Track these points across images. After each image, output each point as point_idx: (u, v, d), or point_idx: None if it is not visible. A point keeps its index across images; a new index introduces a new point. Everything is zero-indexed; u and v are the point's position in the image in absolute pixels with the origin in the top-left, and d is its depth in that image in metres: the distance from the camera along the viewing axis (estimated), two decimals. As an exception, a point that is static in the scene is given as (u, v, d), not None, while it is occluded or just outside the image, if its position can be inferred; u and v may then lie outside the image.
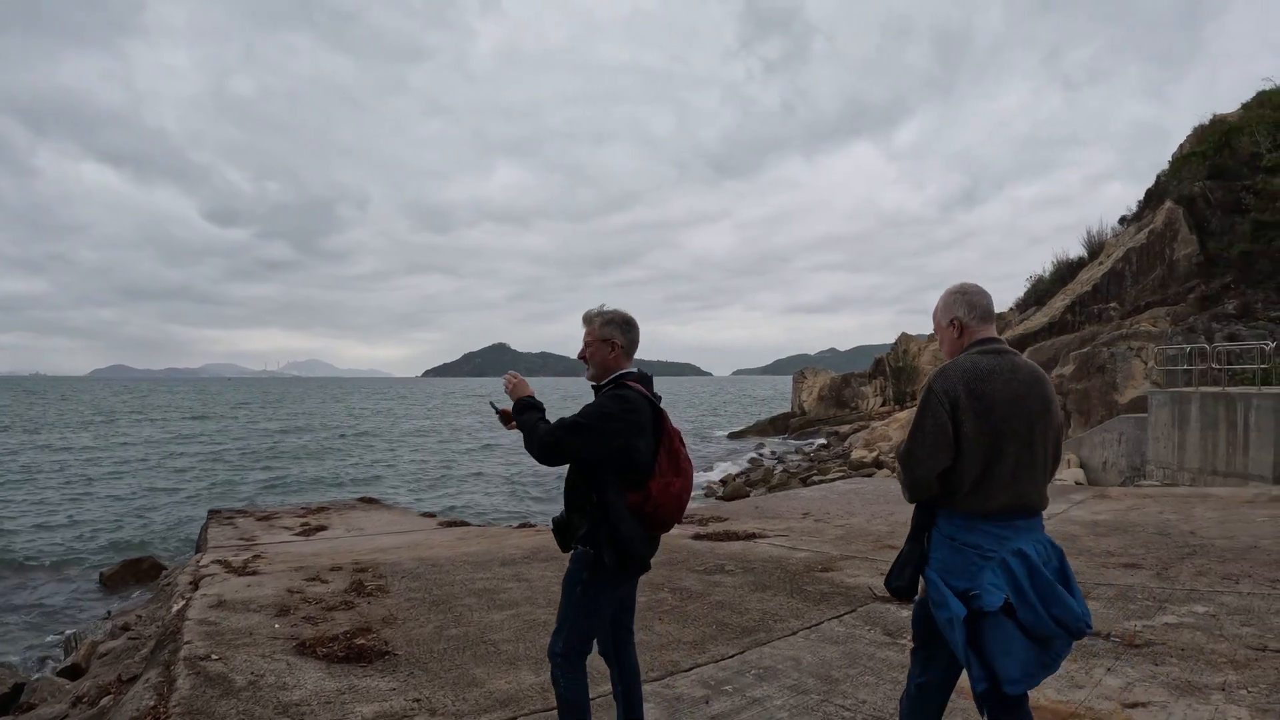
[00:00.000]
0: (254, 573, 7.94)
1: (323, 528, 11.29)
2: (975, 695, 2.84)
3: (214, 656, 5.33)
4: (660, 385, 3.74)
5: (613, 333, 3.54)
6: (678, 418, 77.35)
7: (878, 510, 10.74)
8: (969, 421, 2.80)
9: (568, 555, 3.53)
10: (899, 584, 3.01)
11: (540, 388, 3.82)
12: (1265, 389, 16.52)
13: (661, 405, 3.57)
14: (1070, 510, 10.28)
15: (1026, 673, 2.74)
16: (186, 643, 5.62)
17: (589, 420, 3.31)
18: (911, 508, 3.15)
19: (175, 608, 7.08)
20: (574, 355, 3.87)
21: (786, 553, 8.31)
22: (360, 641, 5.54)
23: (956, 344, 3.05)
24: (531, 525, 12.47)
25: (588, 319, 3.61)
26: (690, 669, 5.05)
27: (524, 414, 3.47)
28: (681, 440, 3.57)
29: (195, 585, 7.55)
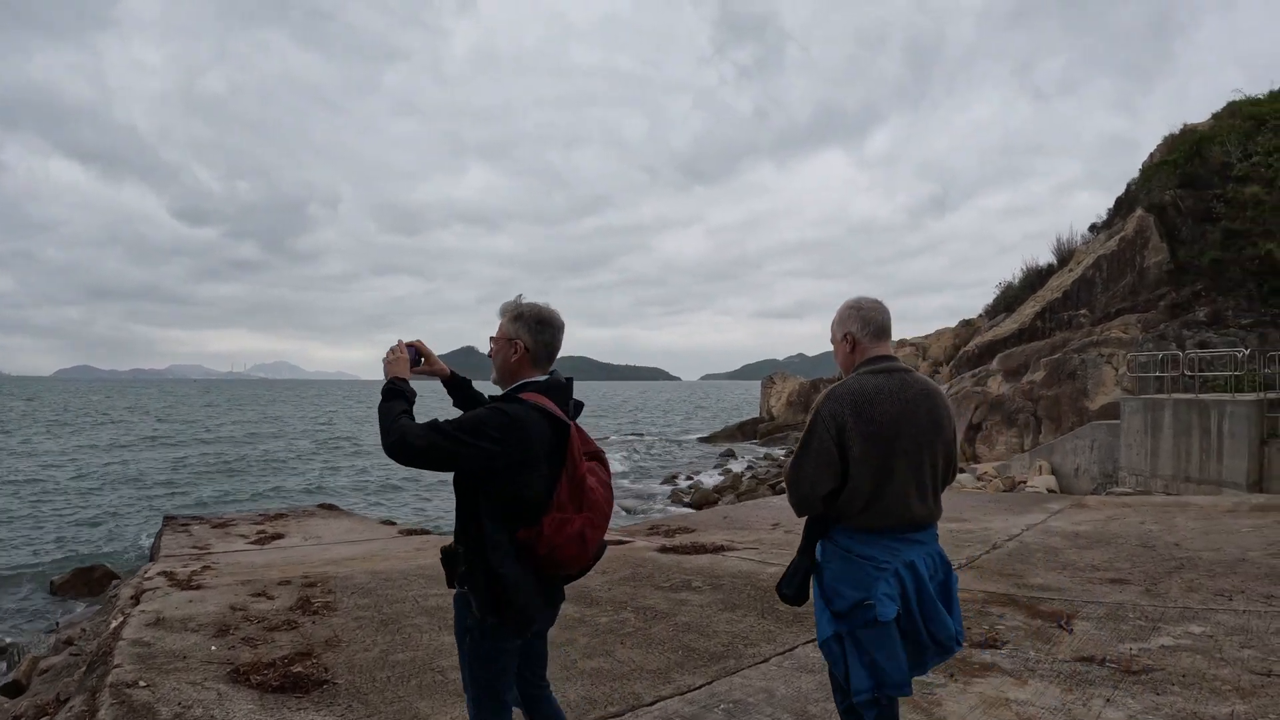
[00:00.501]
0: (198, 586, 7.50)
1: (279, 536, 10.88)
2: (854, 705, 2.91)
3: (142, 683, 4.89)
4: (629, 389, 3.20)
5: (518, 331, 2.96)
6: (647, 422, 77.43)
7: (851, 520, 10.38)
8: (856, 445, 2.85)
9: None
10: (788, 591, 3.05)
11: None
12: (1239, 396, 16.43)
13: (576, 420, 2.97)
14: (1049, 521, 9.97)
15: (905, 678, 2.84)
16: (116, 666, 5.20)
17: (453, 429, 2.71)
18: None
19: (113, 625, 6.67)
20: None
21: (757, 567, 7.87)
22: (298, 669, 5.09)
23: (849, 359, 3.09)
24: None
25: (500, 312, 3.06)
26: (653, 703, 4.59)
27: (388, 401, 2.85)
28: (603, 464, 3.00)
29: (136, 600, 7.12)
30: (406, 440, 2.69)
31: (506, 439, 2.69)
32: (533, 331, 2.95)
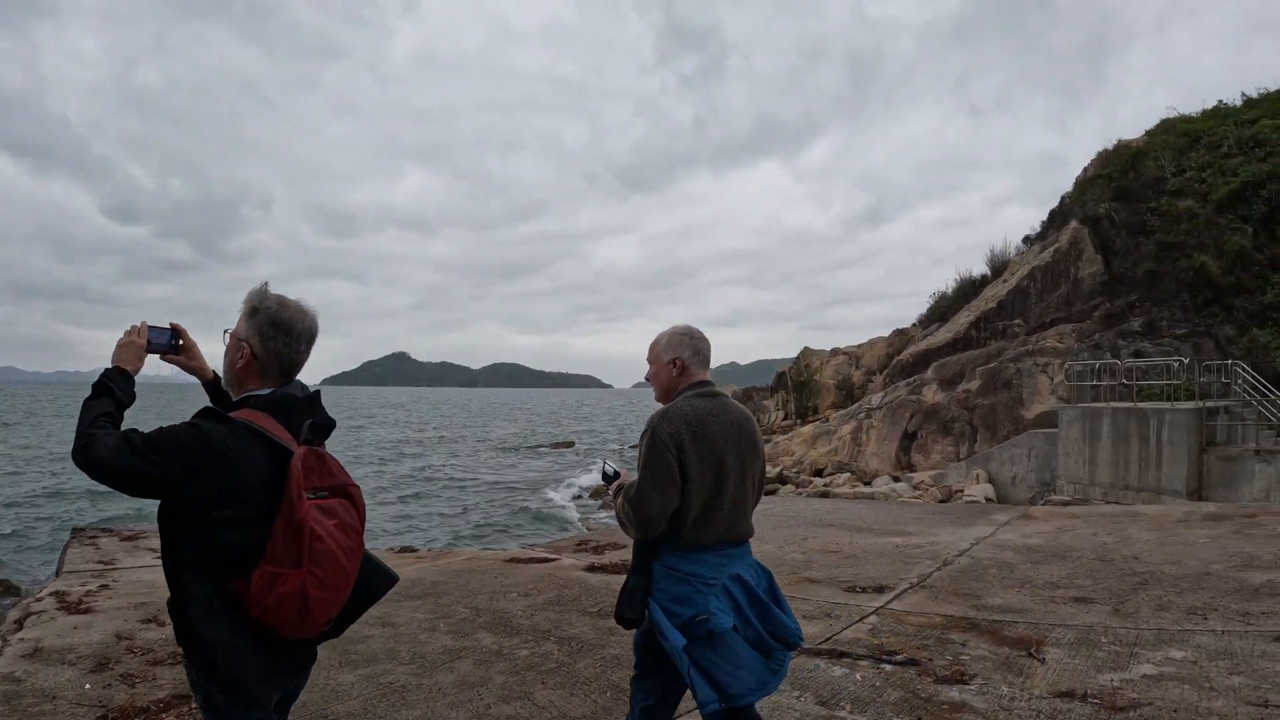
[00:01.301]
0: (88, 610, 6.69)
1: (190, 549, 9.96)
2: (705, 717, 2.96)
3: (1, 730, 4.24)
4: (562, 397, 2.45)
5: (248, 332, 2.29)
6: (580, 430, 76.05)
7: (788, 535, 9.69)
8: (693, 463, 2.94)
9: (435, 596, 2.30)
10: (630, 615, 3.04)
11: (440, 398, 2.52)
12: (1178, 405, 16.34)
13: (317, 448, 2.24)
14: (998, 533, 9.49)
15: (760, 681, 2.91)
16: (-22, 708, 4.51)
17: (142, 443, 2.05)
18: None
19: (-10, 654, 5.85)
20: (475, 366, 2.58)
21: None
22: (171, 717, 4.36)
23: (674, 382, 3.18)
24: (413, 550, 11.11)
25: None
26: (577, 761, 3.89)
27: (94, 398, 2.21)
28: (351, 503, 2.26)
29: (20, 625, 6.37)
30: (91, 451, 2.03)
31: (200, 465, 2.05)
32: (263, 336, 2.28)
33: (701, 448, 2.96)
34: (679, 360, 3.16)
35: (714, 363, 3.25)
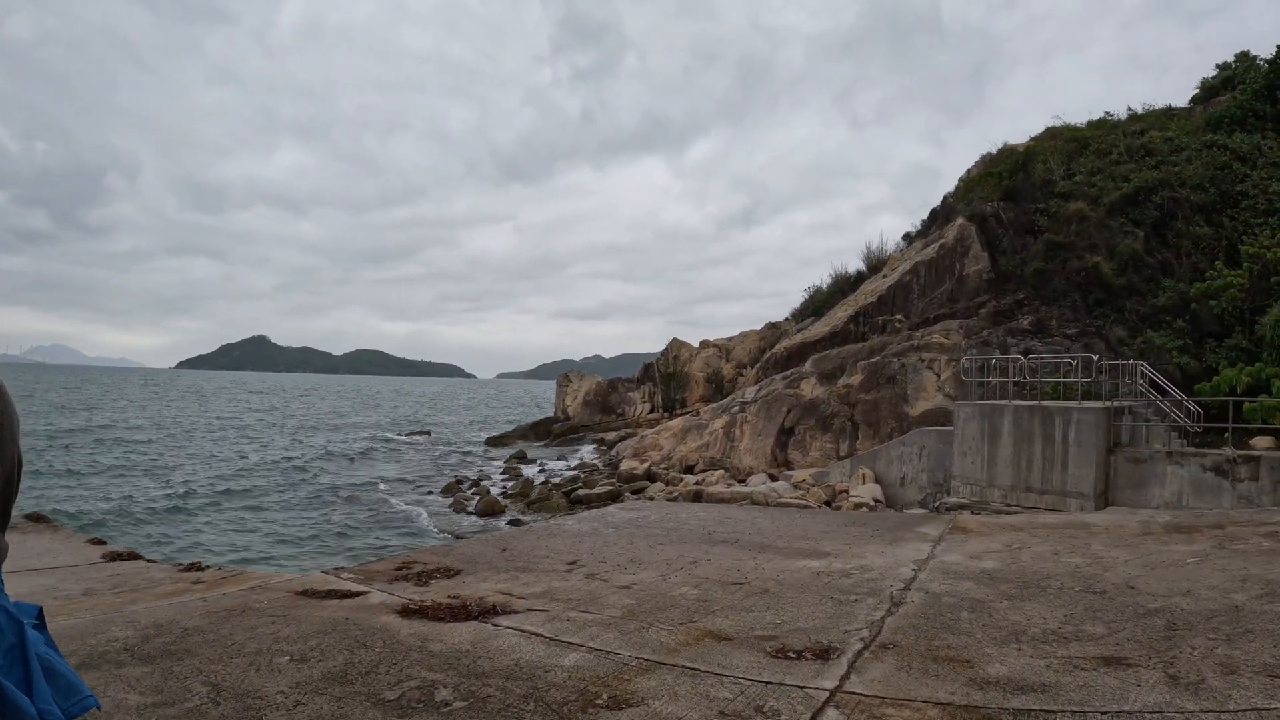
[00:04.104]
0: None
1: (-45, 559, 7.02)
2: None
3: None
4: (424, 386, 0.24)
5: None
6: (437, 420, 72.45)
7: (673, 557, 7.30)
8: None
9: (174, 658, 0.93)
10: None
11: (297, 385, 0.24)
12: (1085, 404, 14.99)
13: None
14: (938, 553, 7.43)
15: None
16: None
17: None
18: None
19: None
20: (338, 352, 0.31)
21: (546, 652, 4.60)
22: None
23: None
24: (201, 567, 8.21)
25: None
26: None
27: None
28: None
29: None
30: None
31: None
32: None
33: None
34: None
35: (579, 355, 0.89)
